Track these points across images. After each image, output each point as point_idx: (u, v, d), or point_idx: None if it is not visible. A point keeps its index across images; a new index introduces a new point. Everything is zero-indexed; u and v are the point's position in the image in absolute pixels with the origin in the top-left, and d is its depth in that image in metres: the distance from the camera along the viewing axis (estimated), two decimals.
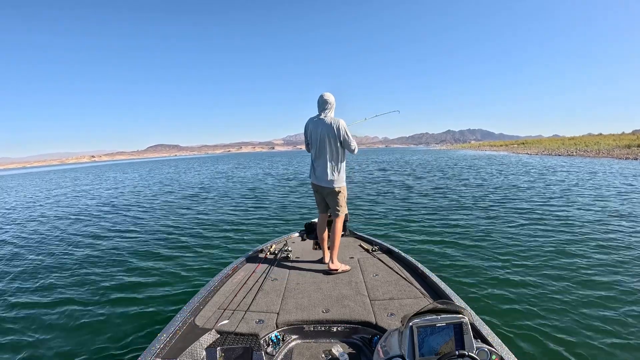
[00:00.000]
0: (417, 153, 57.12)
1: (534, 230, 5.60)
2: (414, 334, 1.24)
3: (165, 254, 5.13)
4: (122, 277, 4.28)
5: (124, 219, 8.42)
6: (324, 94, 2.87)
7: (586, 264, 4.03)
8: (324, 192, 2.96)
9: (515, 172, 15.72)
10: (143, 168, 45.63)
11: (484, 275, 3.81)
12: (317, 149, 2.87)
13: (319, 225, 3.07)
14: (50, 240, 6.63)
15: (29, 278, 4.47)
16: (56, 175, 38.30)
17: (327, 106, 2.86)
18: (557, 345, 2.53)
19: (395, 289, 2.43)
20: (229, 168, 32.42)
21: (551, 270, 3.89)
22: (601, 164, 19.07)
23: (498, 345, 1.59)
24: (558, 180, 12.07)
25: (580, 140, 47.60)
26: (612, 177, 12.22)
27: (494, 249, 4.75)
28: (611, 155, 25.86)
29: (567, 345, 2.52)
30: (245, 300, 2.33)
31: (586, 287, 3.45)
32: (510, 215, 6.76)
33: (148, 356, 1.65)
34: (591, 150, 31.99)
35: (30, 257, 5.45)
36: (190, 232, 6.54)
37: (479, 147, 79.08)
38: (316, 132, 2.85)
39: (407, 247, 4.90)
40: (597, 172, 14.18)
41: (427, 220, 6.68)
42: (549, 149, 40.05)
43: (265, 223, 7.08)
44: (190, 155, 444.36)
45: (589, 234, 5.30)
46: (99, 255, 5.30)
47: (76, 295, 3.80)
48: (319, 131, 2.83)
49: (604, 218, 6.24)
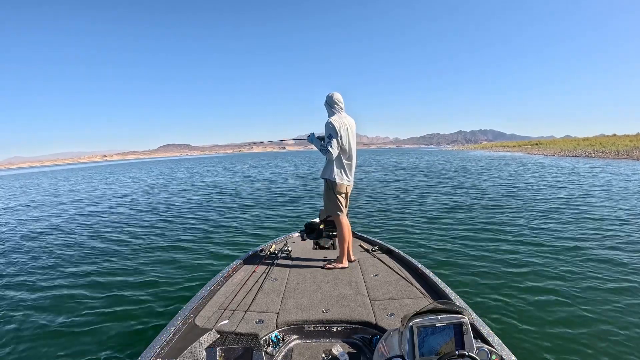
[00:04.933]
0: (429, 154, 56.67)
1: (535, 230, 5.55)
2: (414, 334, 1.23)
3: (165, 254, 5.17)
4: (122, 276, 4.31)
5: (127, 218, 8.51)
6: (337, 92, 2.88)
7: (588, 264, 4.00)
8: (348, 192, 2.99)
9: (532, 173, 15.49)
10: (157, 167, 46.26)
11: (484, 275, 3.80)
12: (350, 149, 2.88)
13: (348, 225, 2.99)
14: (51, 240, 6.66)
15: (27, 278, 4.51)
16: (70, 174, 39.05)
17: (343, 105, 2.90)
18: (557, 345, 2.53)
19: (395, 289, 2.42)
20: (247, 168, 32.15)
21: (552, 271, 3.86)
22: (626, 165, 18.60)
23: (498, 345, 1.59)
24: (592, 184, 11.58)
25: (595, 140, 46.37)
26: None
27: (494, 249, 4.72)
28: (631, 156, 25.20)
29: (567, 345, 2.52)
30: (245, 300, 2.33)
31: (587, 287, 3.43)
32: (511, 215, 6.70)
33: (148, 356, 1.65)
34: (609, 151, 31.12)
35: (29, 258, 5.46)
36: (190, 232, 6.57)
37: (491, 147, 78.00)
38: (350, 131, 2.87)
39: (407, 247, 4.88)
40: (619, 174, 13.75)
41: (427, 220, 6.65)
42: (565, 149, 39.17)
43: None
44: (202, 155, 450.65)
45: (593, 233, 5.24)
46: (99, 255, 5.36)
47: (76, 295, 3.83)
48: (351, 130, 2.86)
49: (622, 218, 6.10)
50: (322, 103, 2.98)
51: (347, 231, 2.93)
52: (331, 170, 2.88)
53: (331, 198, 2.94)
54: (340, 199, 2.92)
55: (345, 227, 2.93)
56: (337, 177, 2.87)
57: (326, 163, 2.95)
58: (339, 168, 2.88)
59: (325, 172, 2.93)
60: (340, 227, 2.93)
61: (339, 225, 2.94)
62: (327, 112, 2.93)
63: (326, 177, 2.92)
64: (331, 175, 2.87)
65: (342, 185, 2.90)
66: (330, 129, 2.76)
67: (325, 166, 2.96)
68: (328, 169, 2.91)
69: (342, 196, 2.94)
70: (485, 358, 1.27)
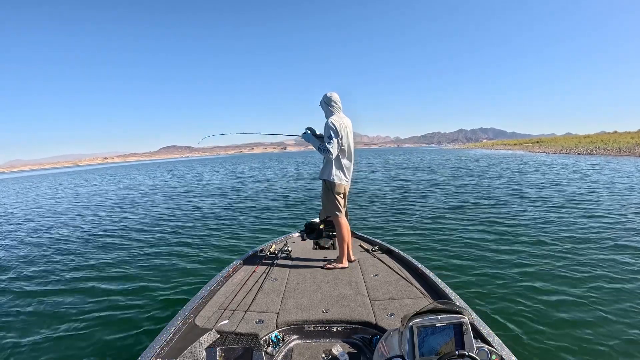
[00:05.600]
0: (430, 153, 56.57)
1: (536, 229, 5.53)
2: (414, 334, 1.23)
3: (165, 255, 5.17)
4: (122, 277, 4.32)
5: (127, 219, 8.52)
6: (334, 92, 2.87)
7: (589, 264, 3.97)
8: (346, 192, 3.00)
9: (533, 171, 15.47)
10: (158, 169, 46.38)
11: (484, 275, 3.79)
12: (348, 149, 2.88)
13: (347, 225, 2.98)
14: (50, 240, 6.69)
15: (26, 279, 4.51)
16: (71, 177, 39.18)
17: (341, 104, 2.90)
18: (557, 345, 2.52)
19: (395, 289, 2.41)
20: (248, 169, 32.24)
21: (552, 271, 3.84)
22: (628, 162, 18.55)
23: (498, 345, 1.58)
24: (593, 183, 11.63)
25: (596, 138, 46.20)
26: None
27: (494, 248, 4.70)
28: (633, 153, 25.18)
29: (567, 345, 2.51)
30: (245, 300, 2.33)
31: (588, 287, 3.40)
32: (511, 215, 6.68)
33: (148, 356, 1.65)
34: (611, 148, 31.05)
35: (27, 258, 5.50)
36: (190, 232, 6.58)
37: (492, 146, 77.84)
38: (349, 132, 2.87)
39: (407, 247, 4.87)
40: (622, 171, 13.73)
41: (426, 220, 6.63)
42: (566, 147, 39.05)
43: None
44: (203, 157, 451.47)
45: (595, 232, 5.21)
46: (99, 255, 5.37)
47: (76, 295, 3.84)
48: (349, 130, 2.86)
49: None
50: (316, 103, 2.98)
51: (346, 231, 2.92)
52: (330, 171, 2.87)
53: (330, 198, 2.93)
54: (339, 199, 2.92)
55: (344, 227, 2.92)
56: (335, 177, 2.86)
57: (325, 164, 2.93)
58: (338, 169, 2.87)
59: (324, 173, 2.92)
60: (339, 227, 2.92)
61: (337, 225, 2.94)
62: (325, 112, 2.92)
63: (325, 177, 2.91)
64: (330, 176, 2.86)
65: (340, 186, 2.90)
66: (331, 129, 2.75)
67: (323, 167, 2.94)
68: (327, 170, 2.90)
69: (341, 196, 2.94)
70: (485, 358, 1.26)
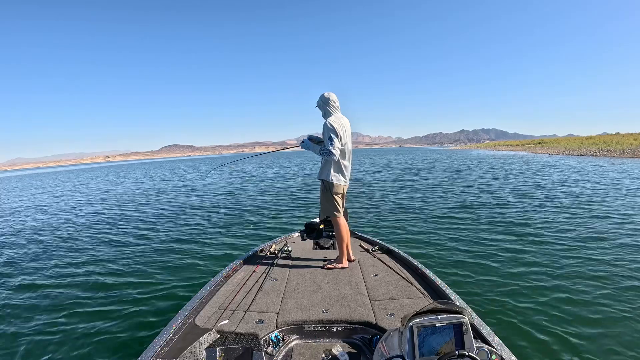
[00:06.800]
0: (431, 153, 56.45)
1: (536, 230, 5.53)
2: (414, 334, 1.23)
3: (165, 254, 5.17)
4: (122, 277, 4.32)
5: (127, 219, 8.51)
6: (332, 93, 2.86)
7: (590, 264, 3.97)
8: (344, 192, 2.99)
9: (536, 172, 15.40)
10: (160, 168, 46.38)
11: (484, 275, 3.79)
12: (347, 149, 2.88)
13: (345, 225, 2.98)
14: (50, 240, 6.67)
15: (26, 279, 4.51)
16: (73, 176, 39.17)
17: (339, 104, 2.89)
18: (557, 345, 2.51)
19: (395, 289, 2.41)
20: (250, 169, 32.11)
21: (553, 271, 3.83)
22: (632, 163, 18.47)
23: (498, 345, 1.59)
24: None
25: (599, 139, 46.03)
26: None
27: (495, 248, 4.69)
28: (636, 155, 25.06)
29: (567, 346, 2.50)
30: (245, 300, 2.33)
31: (589, 287, 3.39)
32: (512, 215, 6.68)
33: (148, 356, 1.65)
34: (614, 150, 30.94)
35: (27, 258, 5.48)
36: (190, 232, 6.58)
37: (494, 146, 77.65)
38: (348, 132, 2.86)
39: (407, 247, 4.86)
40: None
41: (427, 220, 6.63)
42: (569, 148, 38.92)
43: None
44: (205, 156, 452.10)
45: (597, 233, 5.20)
46: (99, 255, 5.37)
47: (76, 295, 3.83)
48: (348, 130, 2.86)
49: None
50: (313, 103, 2.97)
51: (345, 231, 2.92)
52: (328, 172, 2.87)
53: (328, 199, 2.93)
54: (337, 199, 2.92)
55: (343, 227, 2.92)
56: (334, 178, 2.86)
57: (323, 164, 2.92)
58: (337, 169, 2.87)
59: (323, 174, 2.91)
60: (338, 227, 2.92)
61: (336, 225, 2.93)
62: (322, 112, 2.90)
63: (323, 178, 2.91)
64: (328, 177, 2.86)
65: (339, 186, 2.89)
66: (331, 130, 2.74)
67: (322, 167, 2.94)
68: (325, 170, 2.89)
69: (339, 197, 2.94)
70: (485, 358, 1.26)
